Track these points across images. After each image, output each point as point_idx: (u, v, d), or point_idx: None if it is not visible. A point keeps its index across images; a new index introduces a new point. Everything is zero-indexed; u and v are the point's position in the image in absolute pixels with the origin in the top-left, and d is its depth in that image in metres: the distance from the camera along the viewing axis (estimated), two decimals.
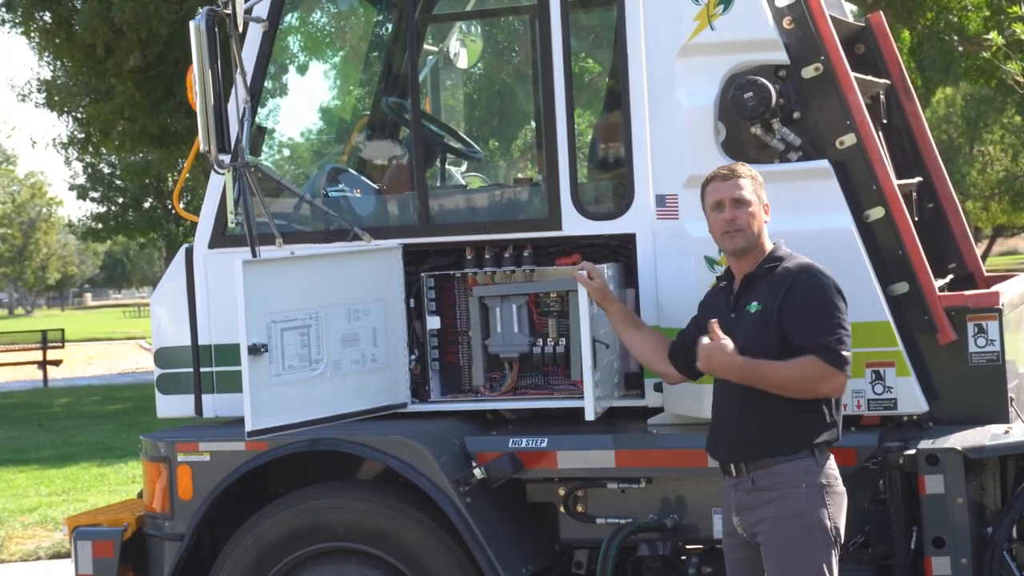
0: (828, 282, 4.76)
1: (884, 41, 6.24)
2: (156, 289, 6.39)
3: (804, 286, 4.72)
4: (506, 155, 16.84)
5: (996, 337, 5.36)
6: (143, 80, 18.93)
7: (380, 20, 7.53)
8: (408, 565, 5.64)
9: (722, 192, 4.85)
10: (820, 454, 4.72)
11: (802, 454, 4.68)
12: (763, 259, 4.84)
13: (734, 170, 4.90)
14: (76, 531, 6.14)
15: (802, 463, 4.68)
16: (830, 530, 4.67)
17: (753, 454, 4.73)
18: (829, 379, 4.66)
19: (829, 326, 4.68)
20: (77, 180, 41.49)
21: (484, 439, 5.69)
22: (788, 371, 4.66)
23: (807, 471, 4.67)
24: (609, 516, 5.62)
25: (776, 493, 4.68)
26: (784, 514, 4.66)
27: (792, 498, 4.66)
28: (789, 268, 4.78)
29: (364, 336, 5.70)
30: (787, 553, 4.66)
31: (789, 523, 4.66)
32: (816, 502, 4.66)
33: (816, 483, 4.67)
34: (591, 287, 5.29)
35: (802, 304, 4.70)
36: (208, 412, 6.12)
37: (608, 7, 6.09)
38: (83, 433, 18.36)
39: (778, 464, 4.68)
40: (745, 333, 4.75)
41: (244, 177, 5.56)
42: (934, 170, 6.31)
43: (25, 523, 11.63)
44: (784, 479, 4.67)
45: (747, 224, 4.81)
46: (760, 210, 4.85)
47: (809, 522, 4.64)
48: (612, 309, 5.32)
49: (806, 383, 4.67)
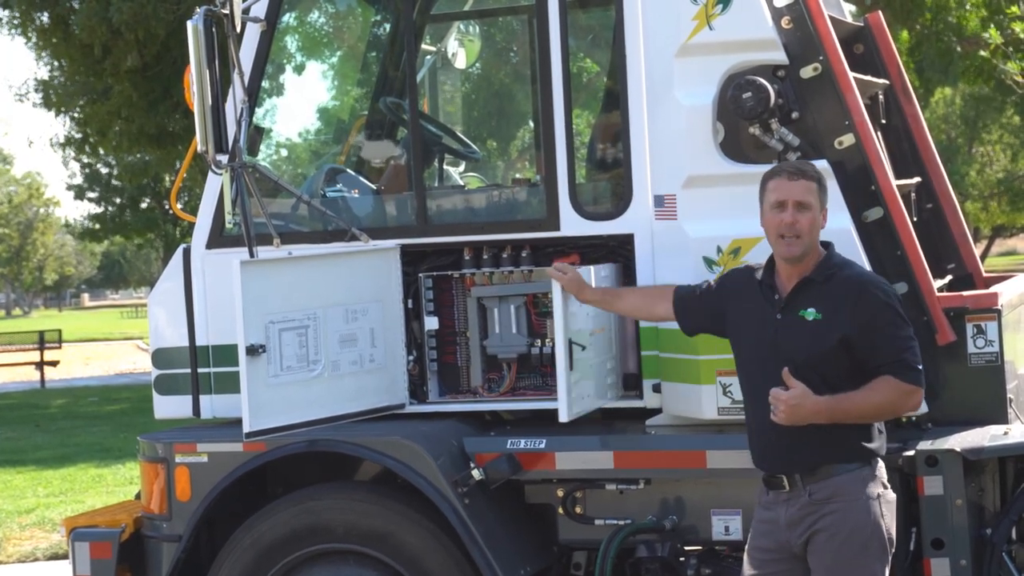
0: (894, 295, 4.66)
1: (883, 41, 6.23)
2: (154, 290, 6.38)
3: (873, 303, 4.56)
4: (504, 155, 16.83)
5: (995, 338, 5.35)
6: (141, 80, 18.93)
7: (378, 20, 7.52)
8: (406, 566, 5.63)
9: (786, 192, 4.63)
10: (874, 462, 4.62)
11: (858, 464, 4.58)
12: (819, 264, 4.66)
13: (802, 170, 4.70)
14: (74, 532, 6.13)
15: (860, 473, 4.57)
16: (887, 542, 4.59)
17: (810, 466, 4.59)
18: (908, 397, 4.55)
19: (902, 343, 4.55)
20: (74, 180, 41.52)
21: (482, 440, 5.68)
22: (873, 399, 4.52)
23: (866, 482, 4.57)
24: (608, 517, 5.61)
25: (836, 505, 4.55)
26: (846, 527, 4.54)
27: (853, 511, 4.55)
28: (851, 279, 4.62)
29: (362, 337, 5.70)
30: (838, 566, 4.56)
31: (850, 536, 4.54)
32: (875, 513, 4.57)
33: (875, 493, 4.58)
34: (564, 280, 5.25)
35: (873, 321, 4.55)
36: (206, 413, 6.12)
37: (606, 7, 6.09)
38: (81, 434, 18.34)
39: (836, 476, 4.56)
40: (799, 340, 4.59)
41: (242, 177, 5.55)
42: (933, 170, 6.30)
43: (23, 524, 11.61)
44: (845, 491, 4.55)
45: (807, 231, 4.61)
46: (820, 216, 4.67)
47: (869, 534, 4.55)
48: (590, 296, 5.29)
49: (891, 406, 4.57)
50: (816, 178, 4.68)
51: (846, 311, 4.56)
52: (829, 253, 4.71)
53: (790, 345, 4.59)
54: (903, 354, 4.55)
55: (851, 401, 4.52)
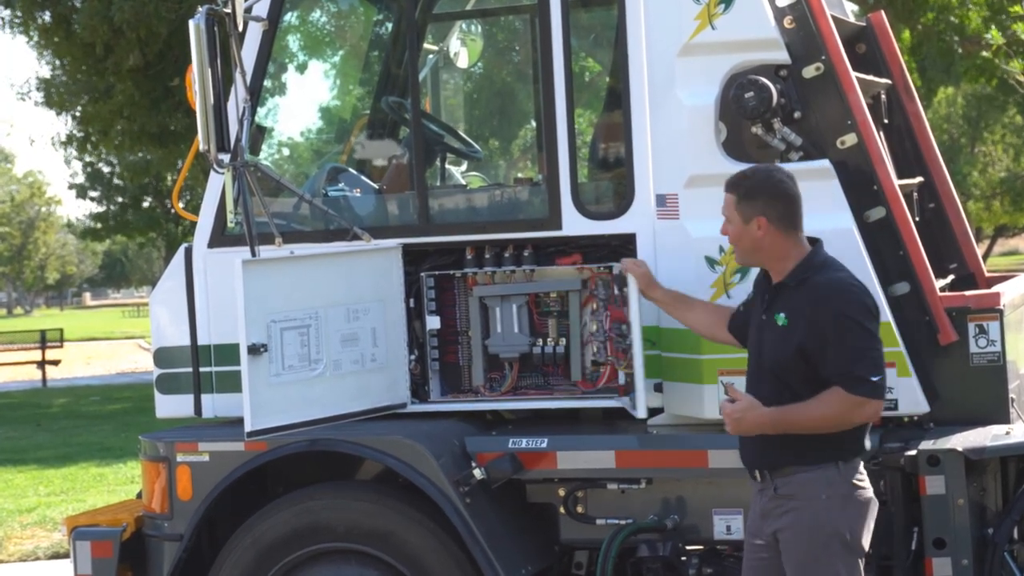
0: (854, 303, 4.55)
1: (885, 41, 6.23)
2: (155, 289, 6.38)
3: (828, 310, 4.52)
4: (506, 155, 16.84)
5: (997, 338, 5.35)
6: (142, 79, 18.94)
7: (380, 19, 7.52)
8: (407, 565, 5.63)
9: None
10: (845, 463, 4.59)
11: (825, 464, 4.57)
12: (796, 267, 4.65)
13: (729, 183, 4.74)
14: (75, 531, 6.13)
15: (823, 473, 4.57)
16: (849, 542, 4.58)
17: (777, 463, 4.63)
18: (858, 408, 4.50)
19: (853, 353, 4.50)
20: (76, 179, 41.51)
21: (484, 439, 5.68)
22: (819, 411, 4.50)
23: (829, 482, 4.57)
24: (609, 517, 5.60)
25: (796, 503, 4.58)
26: (804, 524, 4.57)
27: (811, 509, 4.56)
28: (817, 286, 4.57)
29: (364, 336, 5.70)
30: (805, 564, 4.59)
31: (809, 534, 4.57)
32: (836, 513, 4.56)
33: (837, 493, 4.57)
34: (638, 272, 5.23)
35: (825, 331, 4.51)
36: (207, 412, 6.12)
37: (609, 6, 6.08)
38: (82, 433, 18.36)
39: (800, 474, 4.58)
40: (770, 344, 4.63)
41: (244, 176, 5.55)
42: (935, 170, 6.30)
43: (24, 523, 11.62)
44: (805, 490, 4.57)
45: (733, 240, 4.72)
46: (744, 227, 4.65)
47: (829, 533, 4.56)
48: (658, 295, 5.28)
49: (837, 418, 4.52)
50: (735, 190, 4.68)
51: (805, 319, 4.55)
52: (809, 255, 4.67)
53: (765, 348, 4.65)
54: (854, 365, 4.49)
55: (796, 413, 4.52)
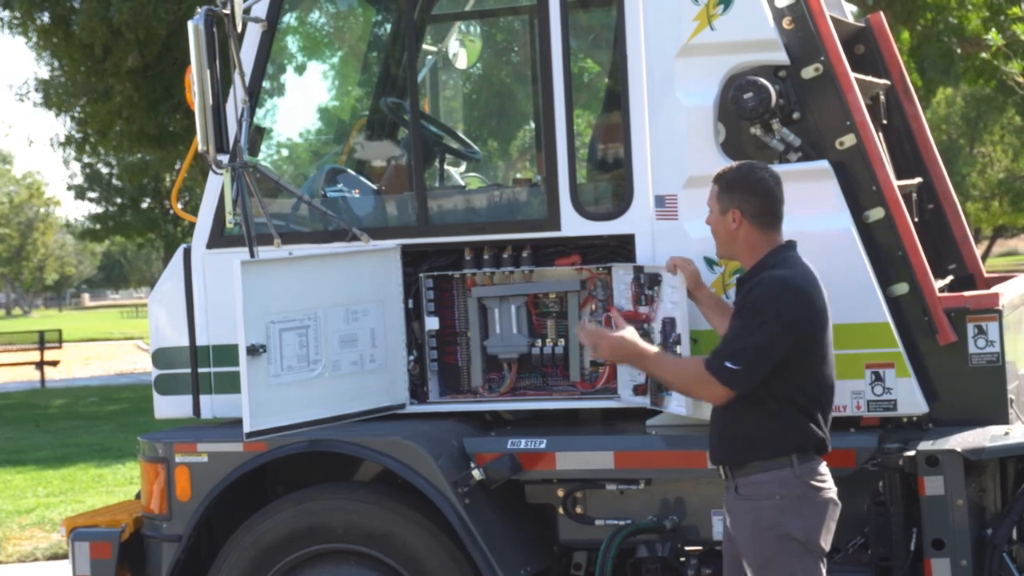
0: (766, 297, 4.61)
1: (884, 42, 6.23)
2: (154, 290, 6.38)
3: (745, 299, 4.69)
4: (505, 155, 16.84)
5: (996, 338, 5.35)
6: (141, 80, 18.95)
7: (379, 20, 7.52)
8: (406, 566, 5.63)
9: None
10: (801, 463, 4.64)
11: (780, 462, 4.63)
12: (755, 265, 4.75)
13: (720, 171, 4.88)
14: (74, 532, 6.13)
15: (779, 474, 4.62)
16: (804, 542, 4.62)
17: (734, 460, 4.72)
18: (704, 385, 4.64)
19: (734, 336, 4.64)
20: (75, 180, 41.51)
21: (483, 440, 5.68)
22: (674, 368, 4.82)
23: (783, 482, 4.62)
24: (608, 517, 5.61)
25: (751, 504, 4.65)
26: (758, 525, 4.64)
27: (765, 510, 4.62)
28: (761, 280, 4.67)
29: (363, 337, 5.70)
30: (761, 564, 4.65)
31: (762, 535, 4.63)
32: (790, 514, 4.61)
33: (792, 494, 4.62)
34: (689, 270, 5.22)
35: (733, 316, 4.73)
36: (206, 413, 6.12)
37: (607, 7, 6.09)
38: (81, 434, 18.36)
39: (756, 473, 4.64)
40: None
41: (242, 177, 5.55)
42: (934, 171, 6.30)
43: (23, 524, 11.62)
44: (759, 490, 4.64)
45: (712, 231, 4.86)
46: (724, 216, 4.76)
47: (781, 535, 4.61)
48: (703, 296, 5.27)
49: (685, 384, 4.80)
50: (718, 180, 4.83)
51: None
52: (770, 253, 4.74)
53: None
54: (725, 344, 4.66)
55: (656, 359, 4.81)
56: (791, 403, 4.64)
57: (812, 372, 4.67)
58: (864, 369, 5.32)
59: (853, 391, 5.32)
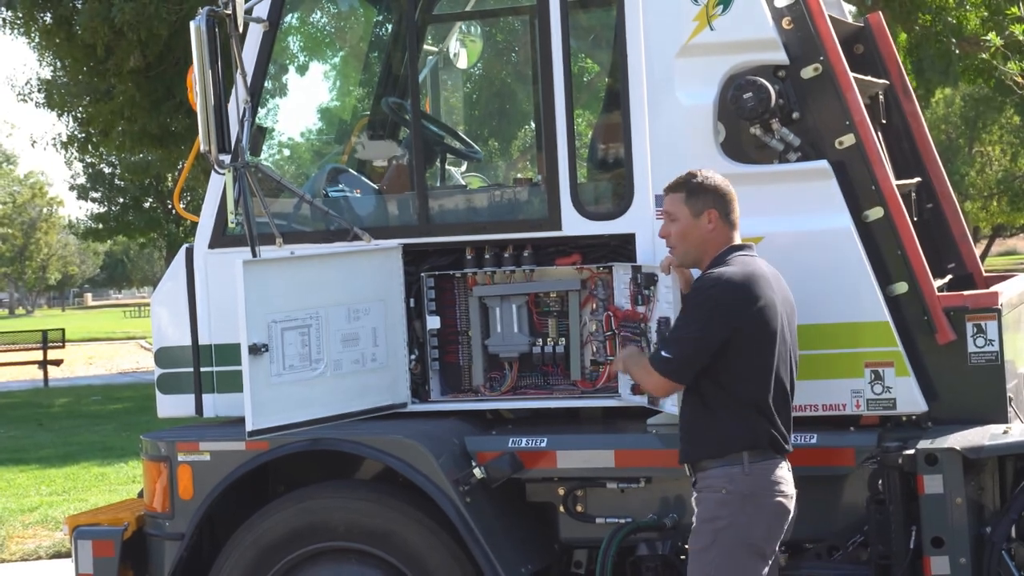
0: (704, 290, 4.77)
1: (883, 41, 6.24)
2: (156, 289, 6.40)
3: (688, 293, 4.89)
4: (506, 155, 16.86)
5: (995, 337, 5.36)
6: (143, 80, 18.94)
7: (380, 20, 7.53)
8: (408, 564, 5.65)
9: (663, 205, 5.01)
10: (752, 461, 4.71)
11: (730, 459, 4.71)
12: (705, 268, 4.88)
13: (674, 183, 4.95)
14: (76, 531, 6.15)
15: (728, 470, 4.71)
16: (744, 539, 4.68)
17: (691, 456, 4.83)
18: (646, 374, 4.84)
19: (672, 328, 4.89)
20: (78, 180, 41.51)
21: (484, 439, 5.69)
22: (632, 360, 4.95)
23: (731, 478, 4.70)
24: (608, 516, 5.62)
25: (702, 496, 4.77)
26: (702, 516, 4.75)
27: (708, 502, 4.73)
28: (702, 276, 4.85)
29: (364, 336, 5.71)
30: (696, 553, 4.76)
31: (701, 525, 4.75)
32: (733, 510, 4.68)
33: (737, 491, 4.69)
34: (684, 276, 5.21)
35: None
36: (208, 412, 6.13)
37: (608, 7, 6.10)
38: (83, 433, 18.37)
39: (709, 469, 4.75)
40: None
41: (244, 177, 5.56)
42: (933, 170, 6.31)
43: (26, 523, 11.64)
44: (709, 483, 4.75)
45: (675, 241, 4.93)
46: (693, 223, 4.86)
47: (720, 527, 4.68)
48: None
49: (635, 375, 5.01)
50: (685, 187, 4.89)
51: None
52: (717, 257, 4.85)
53: None
54: (665, 338, 4.90)
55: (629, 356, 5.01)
56: (740, 400, 4.73)
57: (759, 369, 4.73)
58: (863, 368, 5.34)
59: (852, 390, 5.34)
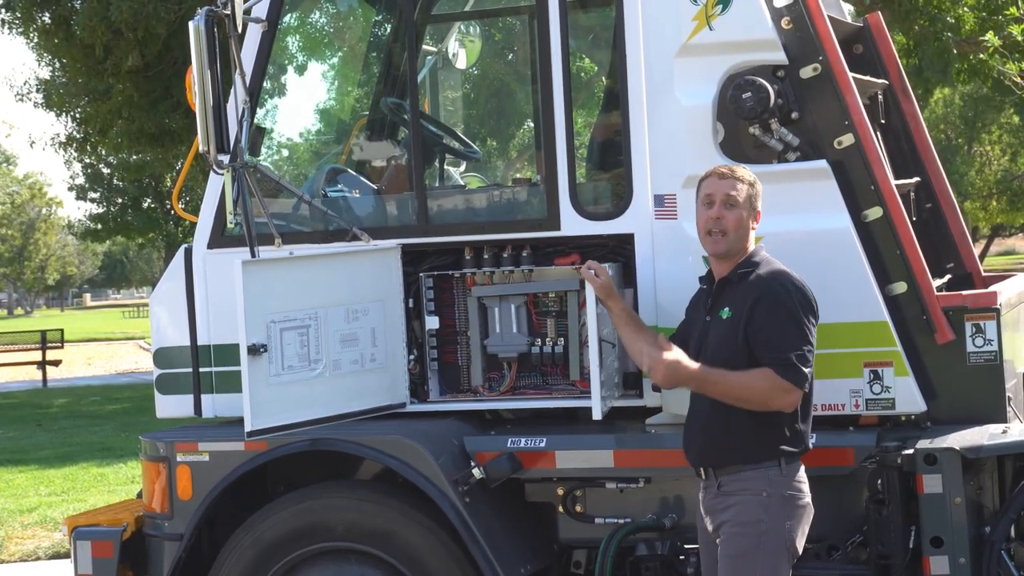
0: (796, 294, 4.72)
1: (882, 41, 6.24)
2: (155, 289, 6.40)
3: (771, 297, 4.70)
4: (505, 155, 16.86)
5: (994, 337, 5.36)
6: (142, 80, 18.92)
7: (379, 20, 7.53)
8: (407, 564, 5.65)
9: (716, 188, 4.84)
10: (787, 464, 4.73)
11: (768, 463, 4.71)
12: (738, 264, 4.83)
13: (733, 171, 4.89)
14: (75, 531, 6.15)
15: (767, 472, 4.71)
16: (785, 541, 4.70)
17: (721, 460, 4.78)
18: (783, 394, 4.66)
19: (790, 340, 4.66)
20: (76, 181, 41.51)
21: (483, 439, 5.69)
22: (742, 381, 4.67)
23: (771, 481, 4.71)
24: (608, 516, 5.63)
25: (738, 499, 4.72)
26: (742, 519, 4.71)
27: (749, 505, 4.70)
28: (761, 276, 4.76)
29: (363, 336, 5.71)
30: (735, 557, 4.71)
31: (745, 528, 4.70)
32: (775, 512, 4.69)
33: (779, 494, 4.70)
34: (596, 284, 5.26)
35: (766, 316, 4.68)
36: (207, 412, 6.13)
37: (607, 7, 6.10)
38: (82, 433, 18.36)
39: (743, 472, 4.72)
40: (716, 339, 4.79)
41: (243, 177, 5.56)
42: (932, 170, 6.31)
43: (24, 523, 11.64)
44: (748, 486, 4.72)
45: (732, 228, 4.80)
46: (749, 217, 4.85)
47: (764, 530, 4.68)
48: (615, 307, 5.28)
49: (759, 395, 4.67)
50: (747, 180, 4.86)
51: (747, 309, 4.72)
52: (751, 252, 4.84)
53: (712, 344, 4.78)
54: (788, 352, 4.64)
55: (721, 376, 4.68)
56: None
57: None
58: (862, 368, 5.34)
59: (851, 389, 5.34)
